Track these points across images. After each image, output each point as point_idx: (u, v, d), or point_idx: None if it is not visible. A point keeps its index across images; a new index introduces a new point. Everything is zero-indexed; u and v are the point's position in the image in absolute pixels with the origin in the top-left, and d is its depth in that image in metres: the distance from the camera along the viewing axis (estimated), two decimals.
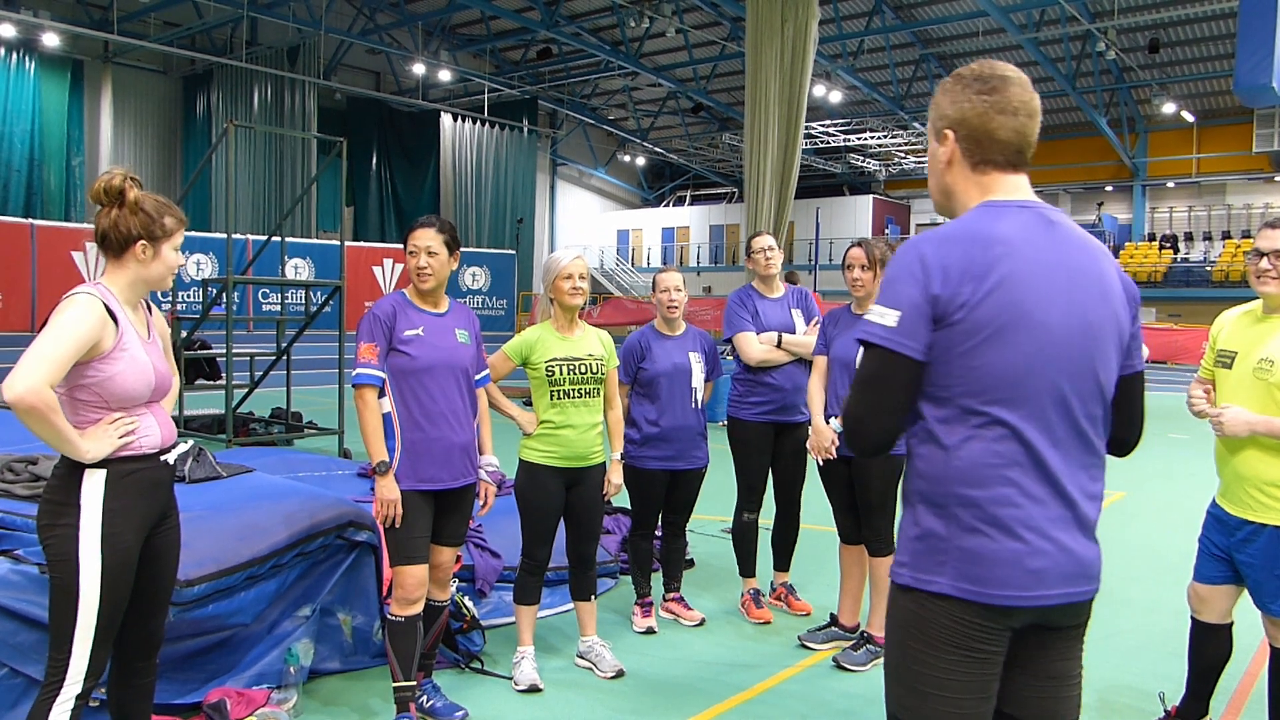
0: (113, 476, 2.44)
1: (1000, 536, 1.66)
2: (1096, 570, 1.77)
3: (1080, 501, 1.73)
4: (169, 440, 2.59)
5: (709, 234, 36.40)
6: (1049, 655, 1.77)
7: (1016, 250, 1.68)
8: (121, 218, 2.50)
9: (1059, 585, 1.69)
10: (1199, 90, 27.18)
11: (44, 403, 2.25)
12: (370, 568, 3.84)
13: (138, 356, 2.47)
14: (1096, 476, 1.78)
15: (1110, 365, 1.78)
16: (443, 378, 3.30)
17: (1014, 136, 1.74)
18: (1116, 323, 1.78)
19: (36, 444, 4.47)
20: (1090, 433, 1.75)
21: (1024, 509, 1.67)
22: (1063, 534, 1.70)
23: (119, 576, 2.44)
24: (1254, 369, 3.00)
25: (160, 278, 2.57)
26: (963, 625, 1.68)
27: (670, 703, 3.70)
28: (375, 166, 29.21)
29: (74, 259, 17.56)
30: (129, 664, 2.66)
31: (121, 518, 2.44)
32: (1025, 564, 1.66)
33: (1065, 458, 1.71)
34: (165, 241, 2.54)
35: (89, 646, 2.41)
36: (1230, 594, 3.21)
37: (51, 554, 2.42)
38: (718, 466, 4.89)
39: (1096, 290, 1.75)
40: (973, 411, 1.68)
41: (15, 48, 22.71)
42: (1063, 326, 1.69)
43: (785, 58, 12.44)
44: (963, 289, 1.65)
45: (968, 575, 1.67)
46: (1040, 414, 1.68)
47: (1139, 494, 8.04)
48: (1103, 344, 1.75)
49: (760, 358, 4.52)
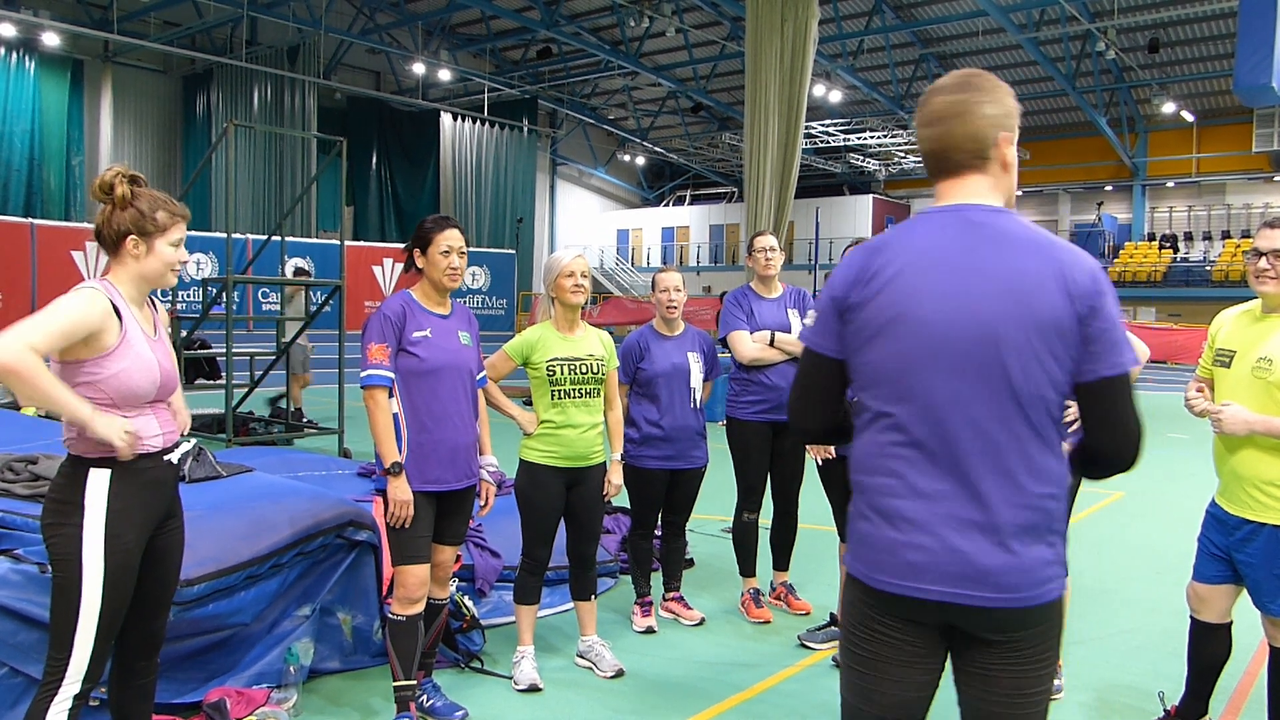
0: (117, 476, 2.43)
1: (881, 524, 1.76)
2: (1002, 579, 1.68)
3: (993, 506, 1.68)
4: (172, 440, 2.59)
5: (709, 234, 36.40)
6: (985, 667, 1.75)
7: (906, 255, 1.76)
8: (114, 214, 2.49)
9: (941, 583, 1.70)
10: (1199, 90, 27.18)
11: (25, 365, 2.21)
12: (370, 567, 3.85)
13: (143, 353, 2.46)
14: (1023, 482, 1.69)
15: (1033, 366, 1.68)
16: (449, 379, 3.31)
17: (933, 145, 1.81)
18: (1029, 322, 1.68)
19: (36, 444, 4.48)
20: (1004, 435, 1.69)
21: (905, 501, 1.73)
22: (953, 533, 1.69)
23: (121, 577, 2.44)
24: (1253, 368, 3.01)
25: (157, 273, 2.53)
26: (865, 606, 1.80)
27: (670, 702, 3.70)
28: (375, 166, 29.20)
29: (74, 259, 17.55)
30: (130, 664, 2.66)
31: (125, 518, 2.44)
32: (901, 554, 1.72)
33: (967, 457, 1.69)
34: (159, 237, 2.50)
35: (89, 647, 2.41)
36: (1230, 594, 3.21)
37: (54, 553, 2.41)
38: (717, 466, 4.89)
39: (999, 288, 1.69)
40: (865, 405, 1.80)
41: (15, 47, 22.71)
42: (946, 324, 1.70)
43: (785, 57, 12.45)
44: (853, 292, 1.79)
45: (861, 558, 1.80)
46: (927, 410, 1.71)
47: (1139, 494, 8.04)
48: (1010, 343, 1.68)
49: (753, 356, 4.51)
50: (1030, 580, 1.69)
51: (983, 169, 1.78)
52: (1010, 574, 1.68)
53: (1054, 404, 1.71)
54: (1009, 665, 1.74)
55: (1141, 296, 27.16)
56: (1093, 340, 1.69)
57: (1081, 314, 1.68)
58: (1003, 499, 1.69)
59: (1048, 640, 1.75)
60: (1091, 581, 5.32)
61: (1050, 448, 1.72)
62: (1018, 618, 1.70)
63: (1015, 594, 1.69)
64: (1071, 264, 1.71)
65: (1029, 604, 1.70)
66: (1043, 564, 1.71)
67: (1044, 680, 1.77)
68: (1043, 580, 1.71)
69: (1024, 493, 1.69)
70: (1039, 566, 1.70)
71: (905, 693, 1.80)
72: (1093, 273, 1.71)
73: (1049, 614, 1.73)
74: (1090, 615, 4.79)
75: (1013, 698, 1.76)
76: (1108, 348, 1.70)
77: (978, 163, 1.78)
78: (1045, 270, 1.70)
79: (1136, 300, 26.87)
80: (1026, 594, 1.69)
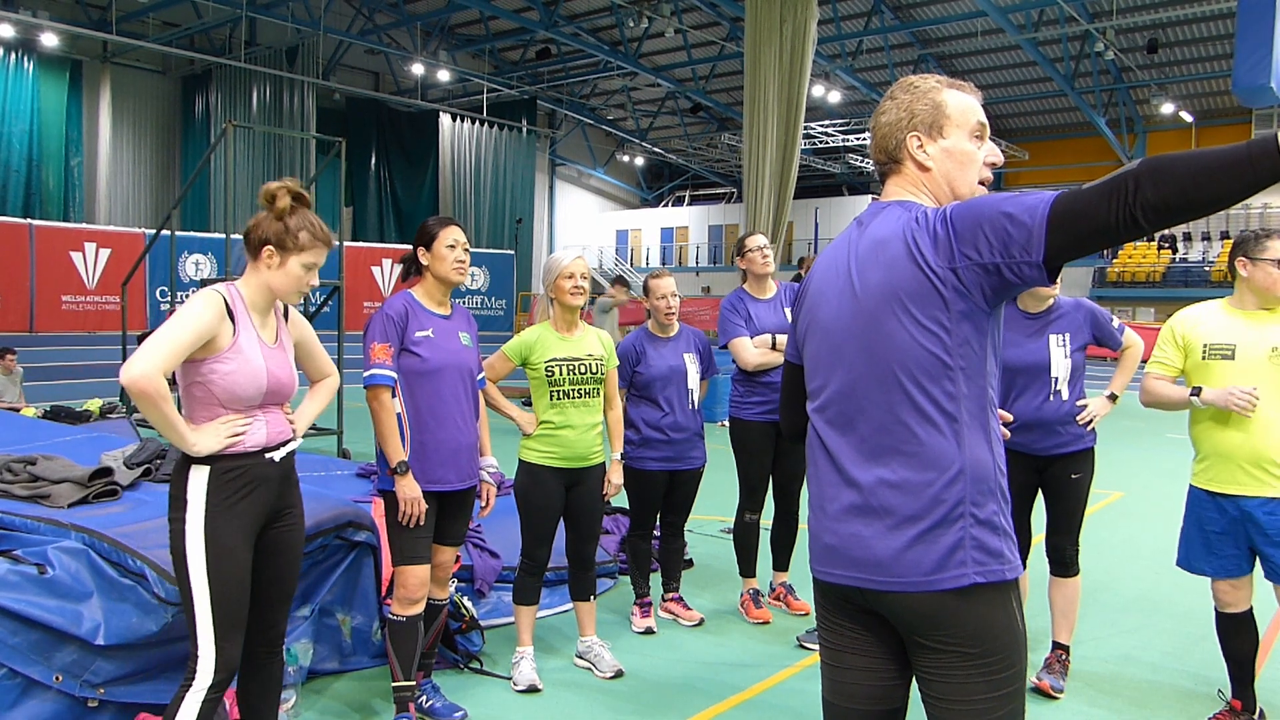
0: (215, 474, 2.48)
1: (811, 513, 1.86)
2: (891, 565, 1.67)
3: (875, 489, 1.70)
4: (276, 439, 2.61)
5: (708, 234, 36.39)
6: (925, 668, 1.73)
7: (819, 267, 1.91)
8: (265, 220, 2.56)
9: (845, 568, 1.76)
10: (1198, 90, 27.18)
11: (155, 389, 2.31)
12: (369, 568, 3.84)
13: (253, 359, 2.51)
14: (902, 464, 1.68)
15: (905, 342, 1.67)
16: (451, 380, 3.31)
17: (874, 151, 1.89)
18: (894, 292, 1.68)
19: (36, 444, 4.48)
20: (890, 419, 1.69)
21: (820, 492, 1.83)
22: (849, 519, 1.75)
23: (225, 572, 2.47)
24: (1270, 357, 3.21)
25: (284, 288, 2.59)
26: (820, 597, 1.89)
27: (669, 703, 3.70)
28: (374, 167, 29.17)
29: (72, 259, 17.52)
30: (253, 655, 2.70)
31: (224, 515, 2.48)
32: (820, 539, 1.82)
33: (858, 447, 1.75)
34: (295, 255, 2.56)
35: (212, 640, 2.45)
36: (1251, 580, 3.34)
37: (170, 548, 2.50)
38: (716, 466, 4.89)
39: (868, 276, 1.75)
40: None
41: (14, 48, 22.67)
42: (835, 323, 1.81)
43: (784, 58, 12.45)
44: (796, 306, 1.99)
45: (810, 550, 1.88)
46: (826, 405, 1.82)
47: (1139, 493, 8.04)
48: (879, 327, 1.70)
49: (756, 362, 4.52)
50: (919, 568, 1.66)
51: (898, 171, 1.84)
52: (897, 559, 1.67)
53: (939, 370, 1.66)
54: (952, 673, 1.68)
55: (1140, 297, 27.17)
56: (952, 240, 1.63)
57: (925, 258, 1.65)
58: (878, 482, 1.71)
59: (974, 643, 1.66)
60: (1091, 581, 5.32)
61: (940, 428, 1.67)
62: (912, 605, 1.67)
63: (904, 579, 1.67)
64: (921, 219, 1.69)
65: (917, 589, 1.65)
66: (940, 552, 1.65)
67: (977, 691, 1.67)
68: (941, 567, 1.65)
69: (896, 472, 1.69)
70: (933, 554, 1.65)
71: (868, 683, 1.81)
72: (926, 214, 1.69)
73: (956, 606, 1.65)
74: (1090, 615, 4.79)
75: (947, 704, 1.69)
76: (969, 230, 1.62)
77: (894, 166, 1.85)
78: (898, 242, 1.70)
79: (1135, 300, 26.88)
80: (914, 579, 1.66)
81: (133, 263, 11.99)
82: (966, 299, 1.64)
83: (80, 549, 3.10)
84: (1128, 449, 10.89)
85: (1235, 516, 3.28)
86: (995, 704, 1.68)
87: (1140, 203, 1.44)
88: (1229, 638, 3.40)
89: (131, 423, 8.03)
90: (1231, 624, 3.38)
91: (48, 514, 3.34)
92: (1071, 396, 3.74)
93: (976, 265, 1.61)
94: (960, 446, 1.67)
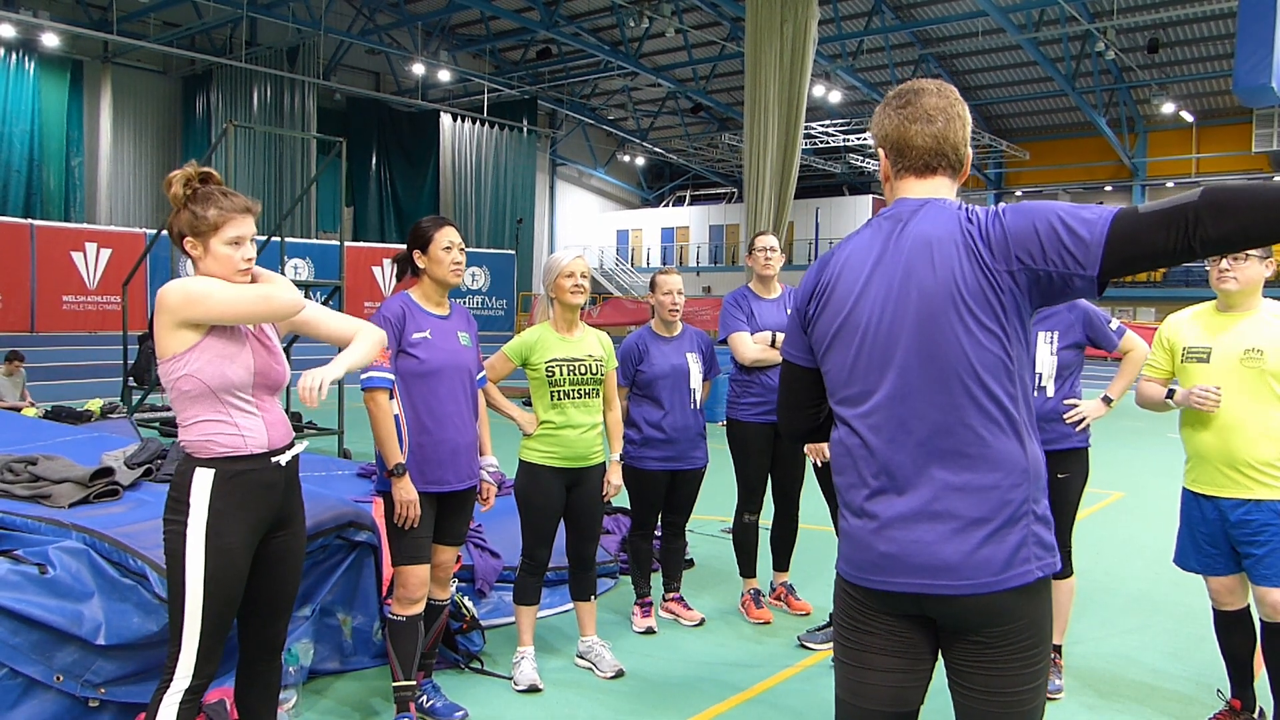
0: (220, 477, 2.43)
1: (854, 521, 1.80)
2: (961, 568, 1.68)
3: (938, 494, 1.69)
4: (280, 442, 2.55)
5: (708, 234, 36.40)
6: (970, 663, 1.75)
7: (846, 265, 1.82)
8: (175, 215, 2.49)
9: (906, 575, 1.72)
10: (1198, 90, 27.18)
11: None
12: (370, 568, 3.84)
13: (233, 337, 2.45)
14: (966, 467, 1.68)
15: (968, 344, 1.67)
16: (450, 380, 3.31)
17: (931, 141, 1.80)
18: (954, 293, 1.68)
19: (36, 444, 4.48)
20: (950, 420, 1.68)
21: (865, 499, 1.77)
22: (909, 525, 1.71)
23: (223, 578, 2.43)
24: (1241, 359, 3.19)
25: (220, 273, 2.46)
26: (847, 599, 1.85)
27: (670, 703, 3.70)
28: (375, 167, 29.17)
29: (73, 259, 17.54)
30: (252, 663, 2.68)
31: (227, 519, 2.43)
32: (874, 548, 1.75)
33: (914, 452, 1.70)
34: (212, 236, 2.44)
35: (196, 644, 2.42)
36: (1245, 578, 3.33)
37: (165, 549, 2.44)
38: (717, 467, 4.89)
39: (921, 276, 1.71)
40: (833, 410, 1.88)
41: (15, 48, 22.67)
42: (879, 325, 1.75)
43: (785, 58, 12.45)
44: (809, 306, 1.89)
45: (842, 554, 1.85)
46: (873, 411, 1.76)
47: (1139, 493, 8.04)
48: (939, 328, 1.69)
49: (754, 357, 4.51)
50: (989, 568, 1.67)
51: (944, 171, 1.83)
52: (964, 563, 1.68)
53: (1000, 371, 1.67)
54: (996, 664, 1.72)
55: (1141, 297, 27.18)
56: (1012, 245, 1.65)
57: (983, 257, 1.66)
58: (944, 487, 1.69)
59: (1025, 635, 1.71)
60: (1091, 581, 5.32)
61: (1004, 428, 1.69)
62: (980, 605, 1.68)
63: (969, 580, 1.68)
64: (975, 227, 1.69)
65: (988, 590, 1.67)
66: (1008, 550, 1.68)
67: (1023, 681, 1.72)
68: (1009, 565, 1.68)
69: (963, 475, 1.68)
70: (1002, 553, 1.67)
71: (893, 686, 1.81)
72: (977, 214, 1.71)
73: (1017, 602, 1.69)
74: (1090, 615, 4.79)
75: (992, 696, 1.74)
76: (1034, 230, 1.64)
77: (949, 168, 1.82)
78: (951, 251, 1.70)
79: (1136, 300, 26.90)
80: (985, 580, 1.67)
81: (133, 263, 12.00)
82: (1020, 300, 1.68)
83: (81, 549, 3.10)
84: (1128, 449, 10.89)
85: (1214, 518, 3.30)
86: (1033, 694, 1.74)
87: (1200, 236, 1.50)
88: (1225, 636, 3.41)
89: (132, 423, 8.04)
90: (1227, 622, 3.40)
91: (49, 514, 3.34)
92: (1058, 394, 3.70)
93: (1029, 270, 1.65)
94: (1024, 447, 1.70)
